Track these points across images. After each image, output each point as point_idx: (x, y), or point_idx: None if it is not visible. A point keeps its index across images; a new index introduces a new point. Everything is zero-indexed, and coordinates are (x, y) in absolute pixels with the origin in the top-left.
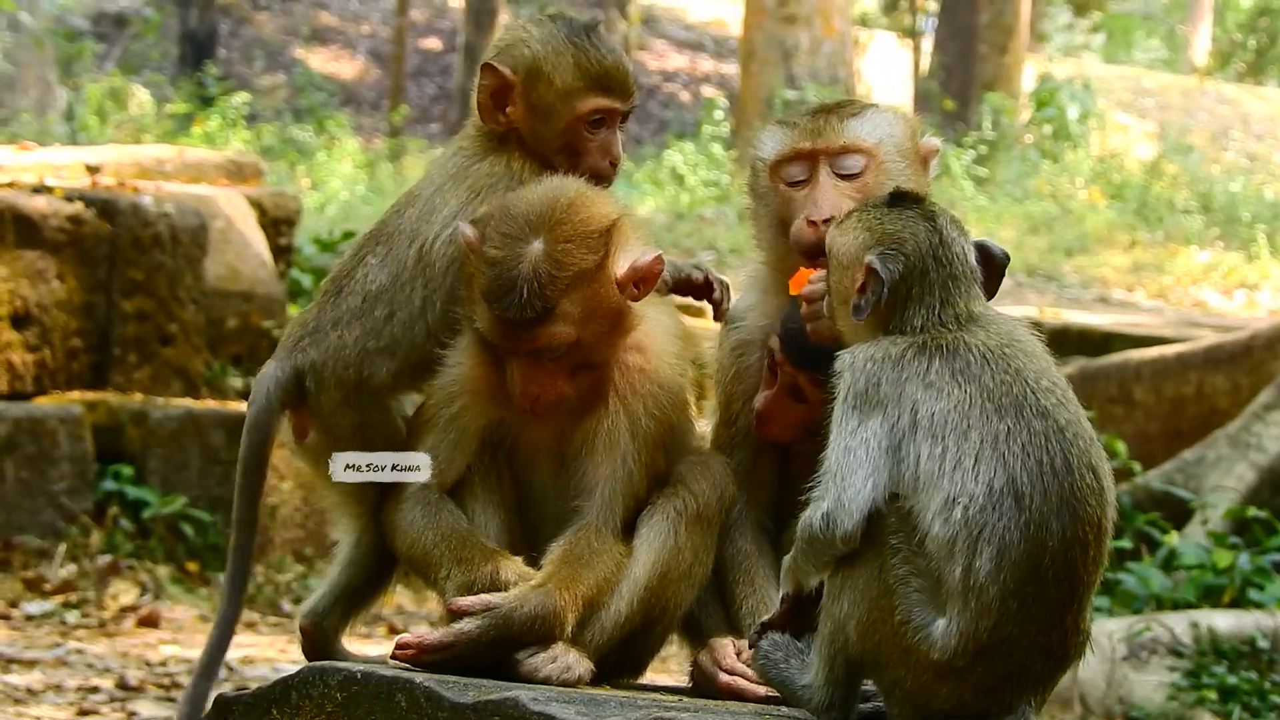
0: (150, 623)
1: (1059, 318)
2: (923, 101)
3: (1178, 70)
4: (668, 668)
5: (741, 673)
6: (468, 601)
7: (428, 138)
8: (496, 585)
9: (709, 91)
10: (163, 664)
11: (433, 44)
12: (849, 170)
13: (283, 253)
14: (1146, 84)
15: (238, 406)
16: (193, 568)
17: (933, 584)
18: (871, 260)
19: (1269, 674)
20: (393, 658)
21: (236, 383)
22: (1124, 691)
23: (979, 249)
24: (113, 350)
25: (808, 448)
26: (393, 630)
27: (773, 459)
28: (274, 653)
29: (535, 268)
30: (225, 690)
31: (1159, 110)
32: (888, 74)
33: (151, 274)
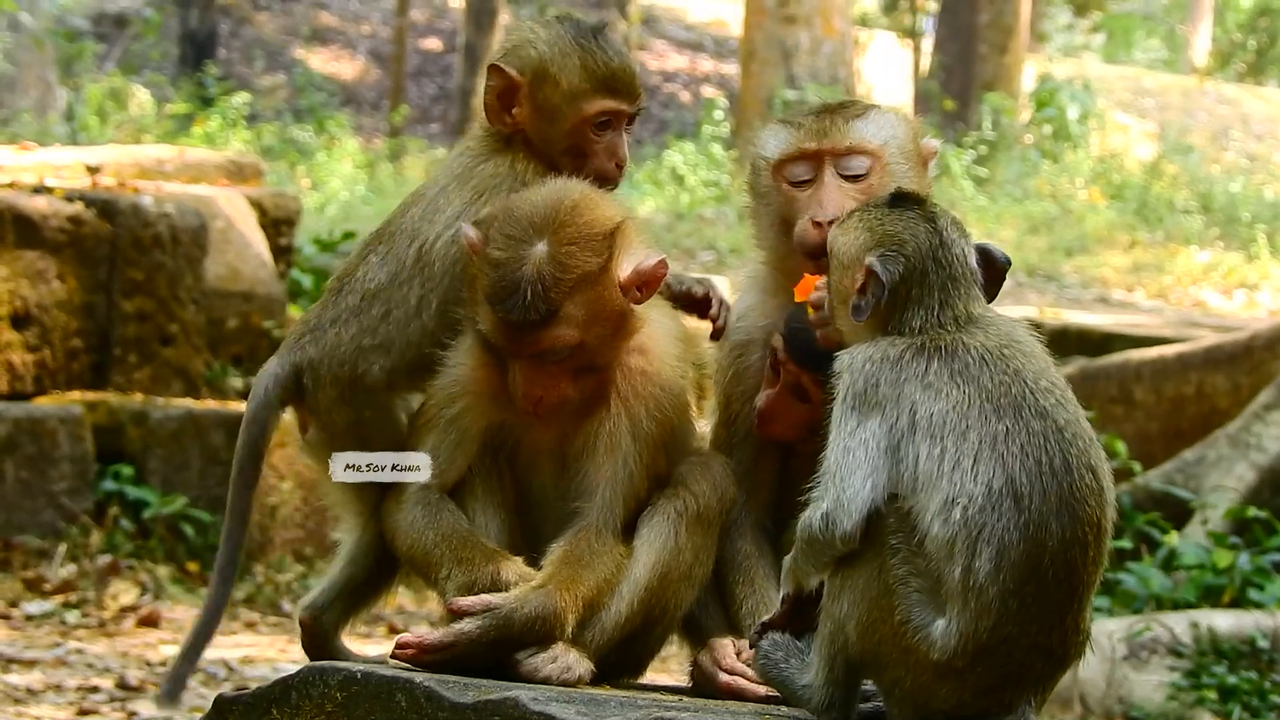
0: (150, 623)
1: (1059, 318)
2: (923, 101)
3: (1178, 70)
4: (668, 668)
5: (741, 672)
6: (468, 602)
7: (428, 138)
8: (497, 586)
9: (709, 91)
10: (163, 664)
11: (433, 44)
12: (854, 171)
13: (283, 253)
14: (1146, 84)
15: (238, 407)
16: (193, 568)
17: (932, 584)
18: (872, 262)
19: (1269, 674)
20: (393, 657)
21: (236, 383)
22: (1124, 691)
23: (981, 252)
24: (113, 350)
25: (809, 447)
26: (393, 630)
27: (773, 459)
28: (274, 653)
29: (539, 270)
30: (225, 690)
31: (1159, 110)
32: (888, 74)
33: (152, 274)
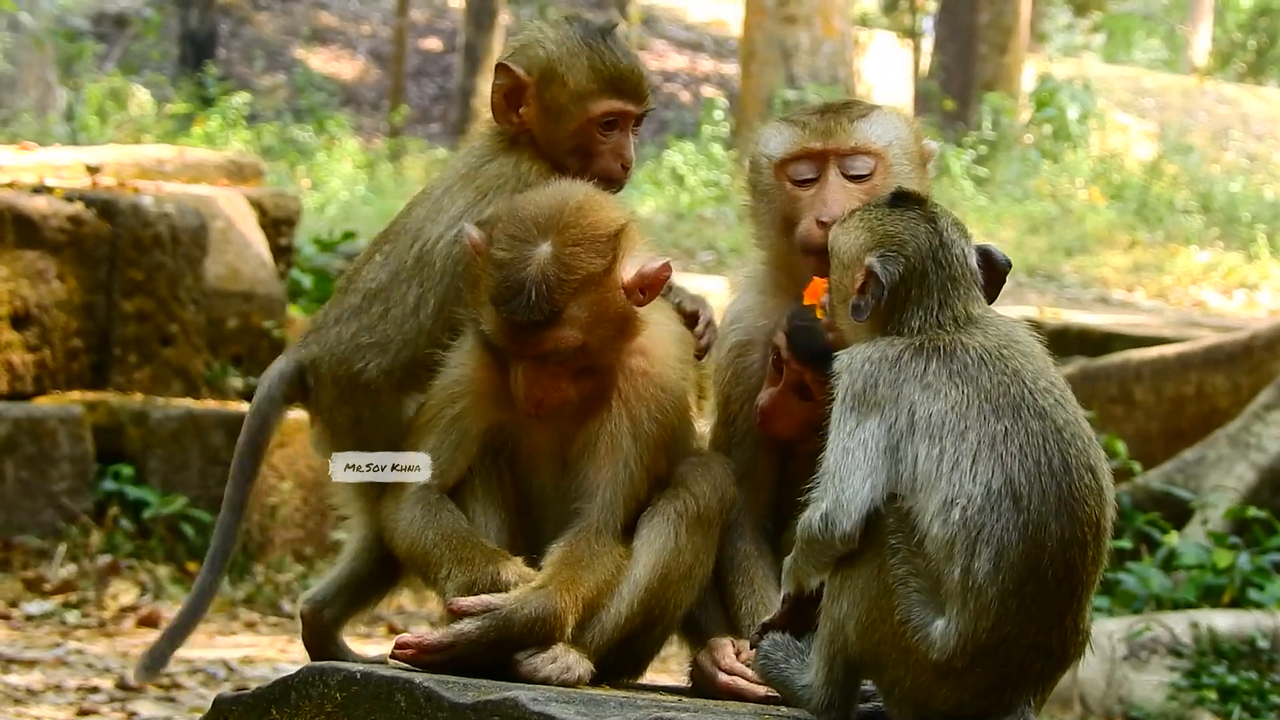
0: (150, 623)
1: (1059, 318)
2: (923, 101)
3: (1178, 70)
4: (668, 668)
5: (741, 673)
6: (468, 602)
7: (428, 138)
8: (497, 586)
9: (709, 91)
10: None
11: (433, 44)
12: (858, 171)
13: (283, 253)
14: (1146, 84)
15: (238, 407)
16: (193, 568)
17: (932, 584)
18: (872, 262)
19: (1269, 674)
20: (392, 657)
21: (237, 383)
22: (1124, 691)
23: (982, 254)
24: (113, 350)
25: (809, 447)
26: (392, 630)
27: (772, 459)
28: (274, 653)
29: (543, 270)
30: (225, 690)
31: (1159, 110)
32: (888, 74)
33: (152, 274)
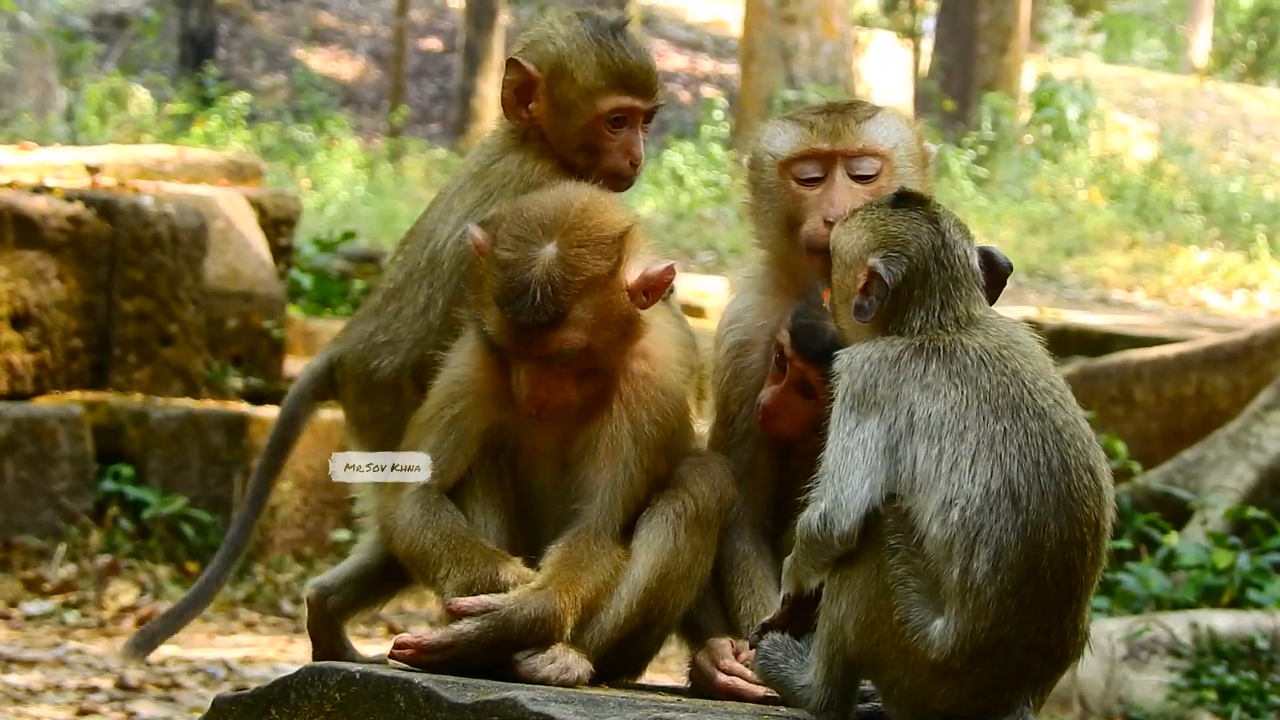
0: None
1: (1059, 318)
2: (923, 102)
3: (1178, 70)
4: (667, 668)
5: (740, 673)
6: (467, 603)
7: (428, 138)
8: (496, 586)
9: (709, 92)
10: (162, 664)
11: (433, 44)
12: (864, 172)
13: (283, 253)
14: (1146, 84)
15: (237, 407)
16: (192, 568)
17: (930, 584)
18: (875, 263)
19: (1268, 674)
20: (391, 657)
21: (236, 383)
22: (1123, 692)
23: (983, 255)
24: (113, 350)
25: (808, 447)
26: (392, 630)
27: (772, 459)
28: (273, 653)
29: (549, 272)
30: (224, 690)
31: (1159, 110)
32: (888, 74)
33: (151, 274)
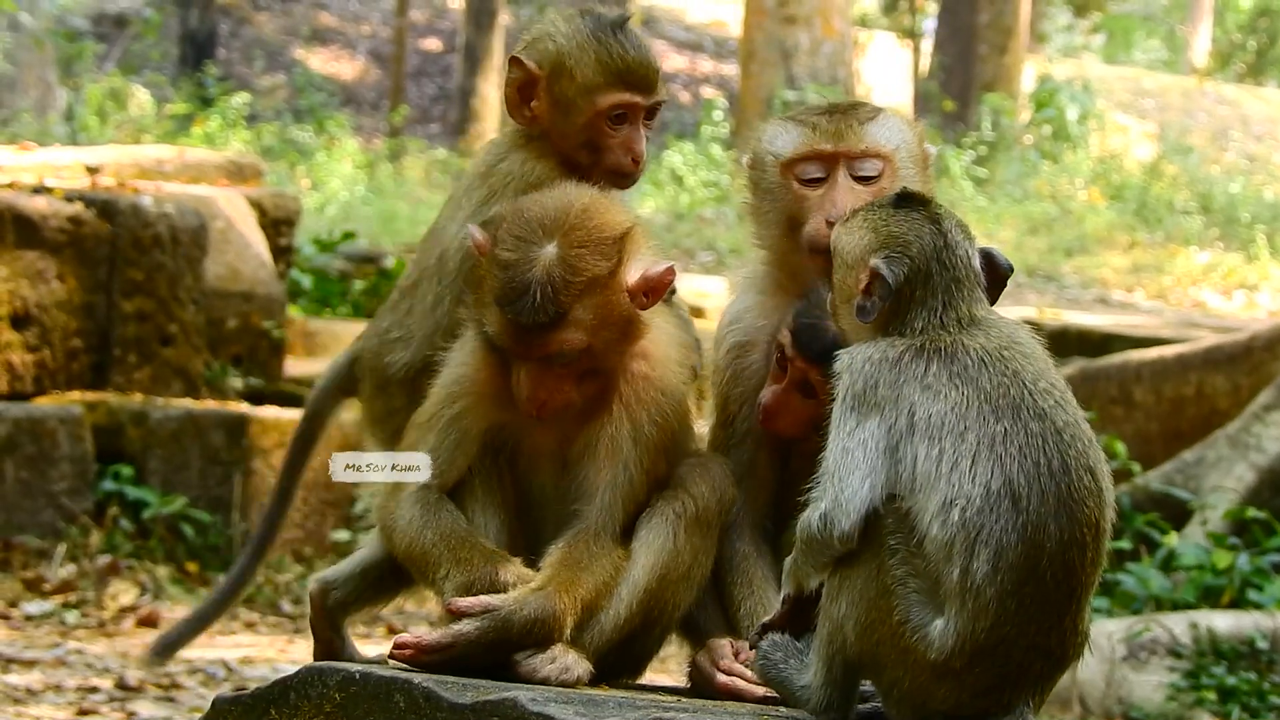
0: (150, 623)
1: (1059, 318)
2: (922, 102)
3: (1178, 71)
4: (667, 668)
5: (739, 673)
6: (467, 603)
7: (427, 138)
8: (495, 587)
9: (709, 92)
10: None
11: (433, 44)
12: (867, 173)
13: (283, 253)
14: (1146, 85)
15: (238, 407)
16: (192, 568)
17: (930, 584)
18: (877, 264)
19: (1268, 675)
20: (391, 658)
21: (236, 383)
22: (1123, 692)
23: (984, 256)
24: (113, 350)
25: (808, 447)
26: (392, 630)
27: (772, 459)
28: (273, 653)
29: (549, 272)
30: (224, 691)
31: (1159, 111)
32: (888, 74)
33: (151, 274)
